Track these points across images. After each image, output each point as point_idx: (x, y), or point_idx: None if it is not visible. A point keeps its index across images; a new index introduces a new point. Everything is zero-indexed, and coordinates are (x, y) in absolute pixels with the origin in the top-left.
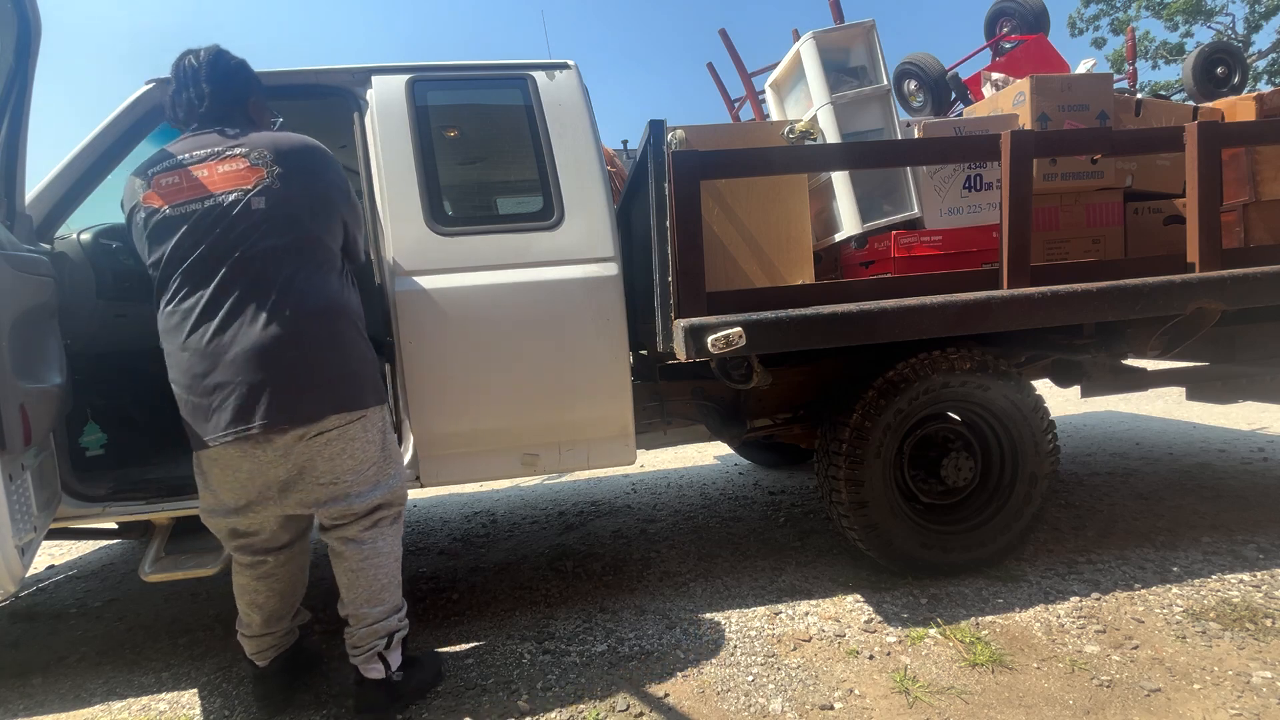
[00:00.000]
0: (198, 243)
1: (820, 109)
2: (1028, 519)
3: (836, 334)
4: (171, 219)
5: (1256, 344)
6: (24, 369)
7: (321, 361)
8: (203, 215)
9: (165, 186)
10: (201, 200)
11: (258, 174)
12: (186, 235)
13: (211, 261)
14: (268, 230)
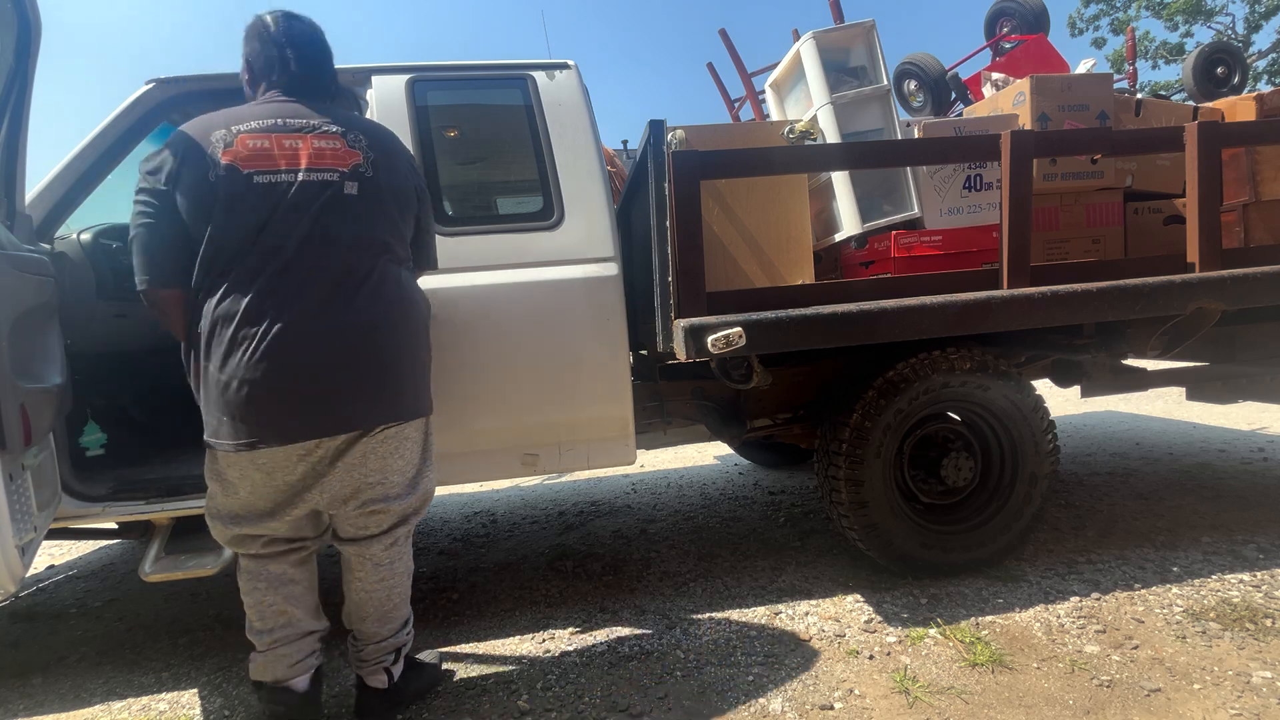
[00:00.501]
0: (280, 220)
1: (820, 109)
2: (1028, 519)
3: (836, 334)
4: (255, 187)
5: (1256, 344)
6: (24, 369)
7: (401, 361)
8: (290, 191)
9: (251, 149)
10: (292, 173)
11: (354, 158)
12: (267, 209)
13: (294, 243)
14: (358, 219)
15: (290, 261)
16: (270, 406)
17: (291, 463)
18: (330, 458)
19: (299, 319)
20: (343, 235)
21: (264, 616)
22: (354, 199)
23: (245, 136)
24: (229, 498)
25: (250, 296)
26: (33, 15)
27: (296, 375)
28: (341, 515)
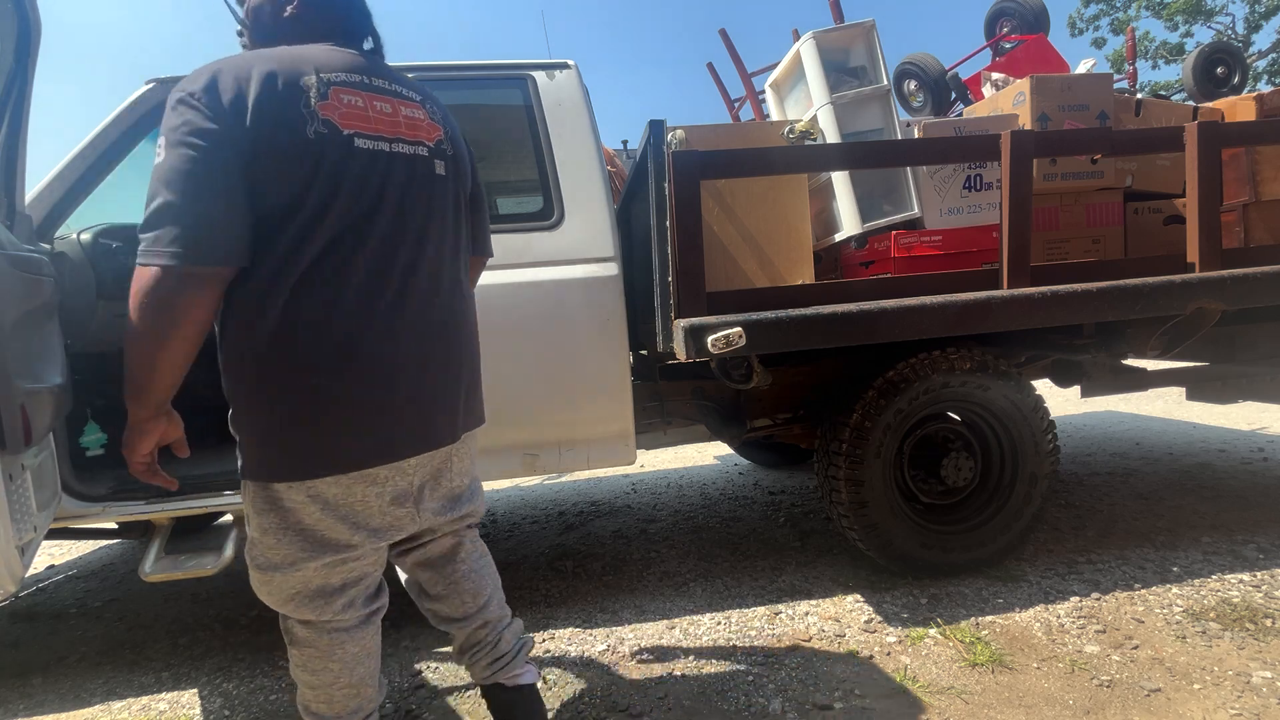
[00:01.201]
0: (377, 196)
1: (820, 109)
2: (1028, 519)
3: (836, 334)
4: (358, 155)
5: (1256, 344)
6: (24, 369)
7: (479, 360)
8: (387, 162)
9: (347, 106)
10: (389, 142)
11: (437, 133)
12: (363, 181)
13: (392, 226)
14: (444, 202)
15: (390, 248)
16: (373, 416)
17: (399, 476)
18: (431, 469)
19: (409, 315)
20: (435, 222)
21: (334, 701)
22: (441, 181)
23: (339, 89)
24: (286, 540)
25: (357, 289)
26: (33, 15)
27: (412, 382)
28: (431, 530)
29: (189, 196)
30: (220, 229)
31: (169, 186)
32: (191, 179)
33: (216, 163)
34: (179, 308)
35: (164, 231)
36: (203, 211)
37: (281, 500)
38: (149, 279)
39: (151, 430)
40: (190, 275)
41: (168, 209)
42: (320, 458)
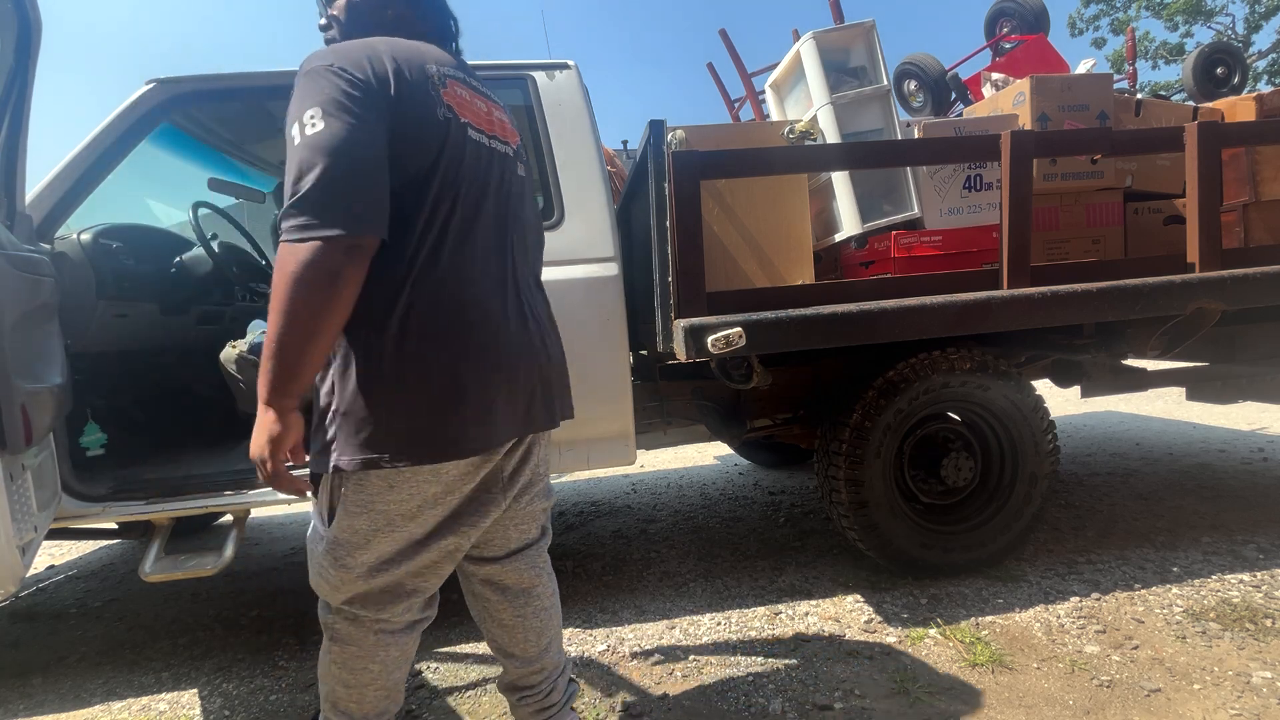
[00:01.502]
0: (485, 183)
1: (820, 109)
2: (1028, 519)
3: (836, 334)
4: (473, 144)
5: (1256, 344)
6: (24, 369)
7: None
8: (488, 155)
9: (459, 97)
10: (489, 139)
11: (517, 138)
12: (476, 167)
13: (499, 214)
14: (526, 202)
15: (500, 235)
16: (495, 404)
17: (488, 463)
18: (522, 453)
19: (520, 298)
20: (521, 222)
21: (365, 701)
22: (521, 180)
23: (452, 81)
24: (378, 535)
25: (480, 269)
26: (33, 15)
27: (528, 364)
28: (508, 521)
29: (354, 165)
30: (380, 198)
31: (332, 154)
32: (356, 146)
33: (375, 131)
34: (345, 281)
35: (329, 201)
36: (366, 180)
37: (396, 488)
38: (312, 253)
39: (295, 424)
40: (355, 247)
41: (332, 178)
42: (452, 438)
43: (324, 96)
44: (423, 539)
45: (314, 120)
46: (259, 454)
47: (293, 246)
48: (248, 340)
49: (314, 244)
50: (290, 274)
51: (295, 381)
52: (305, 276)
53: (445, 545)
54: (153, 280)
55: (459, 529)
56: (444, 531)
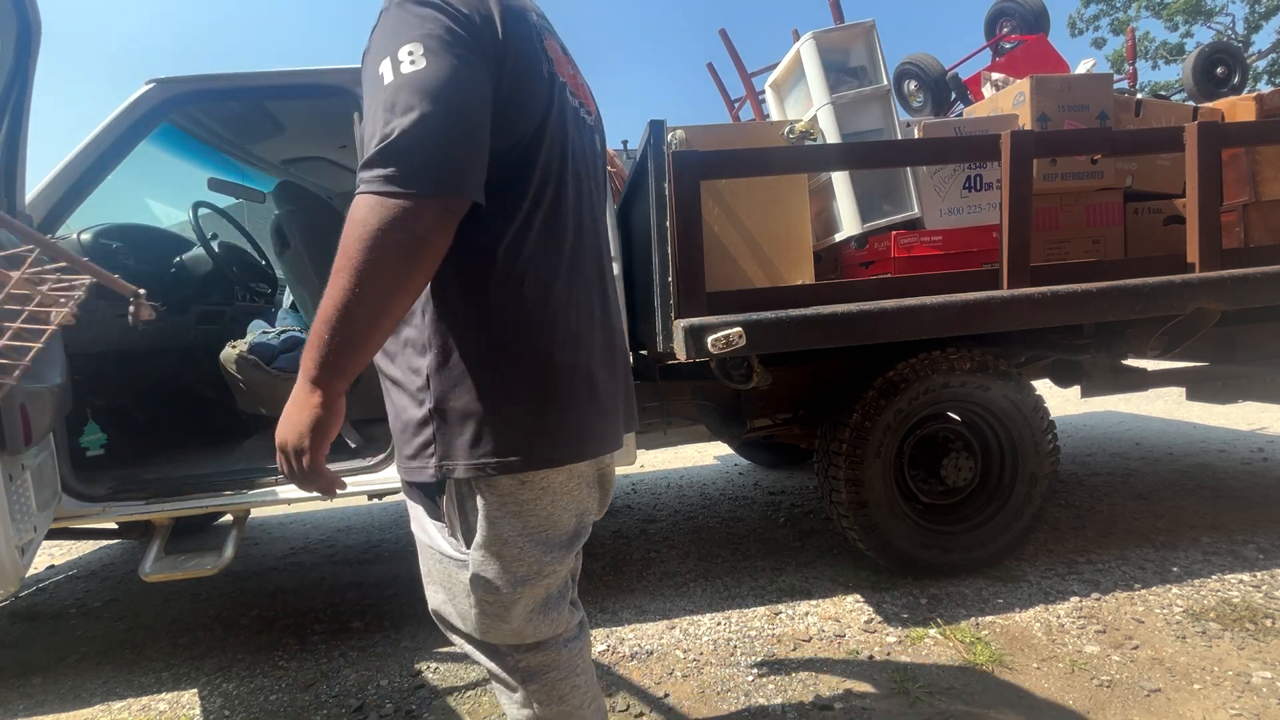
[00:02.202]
0: (579, 164)
1: (820, 109)
2: (1028, 519)
3: (836, 334)
4: (569, 107)
5: (1256, 344)
6: None
7: None
8: (581, 126)
9: (557, 53)
10: (580, 104)
11: (595, 106)
12: (574, 140)
13: (590, 196)
14: (603, 177)
15: (590, 216)
16: (608, 400)
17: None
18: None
19: (605, 293)
20: (602, 198)
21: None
22: (601, 155)
23: (549, 36)
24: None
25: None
26: (33, 15)
27: (621, 363)
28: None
29: (460, 114)
30: (483, 156)
31: (435, 99)
32: (462, 93)
33: (482, 79)
34: (433, 250)
35: (428, 153)
36: (470, 133)
37: (532, 487)
38: (399, 212)
39: (341, 411)
40: (449, 210)
41: (433, 125)
42: (589, 434)
43: (424, 31)
44: (563, 540)
45: (413, 57)
46: (297, 443)
47: (375, 202)
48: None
49: (402, 202)
50: (370, 235)
51: (356, 360)
52: (389, 240)
53: (580, 542)
54: (153, 280)
55: (587, 525)
56: (580, 530)
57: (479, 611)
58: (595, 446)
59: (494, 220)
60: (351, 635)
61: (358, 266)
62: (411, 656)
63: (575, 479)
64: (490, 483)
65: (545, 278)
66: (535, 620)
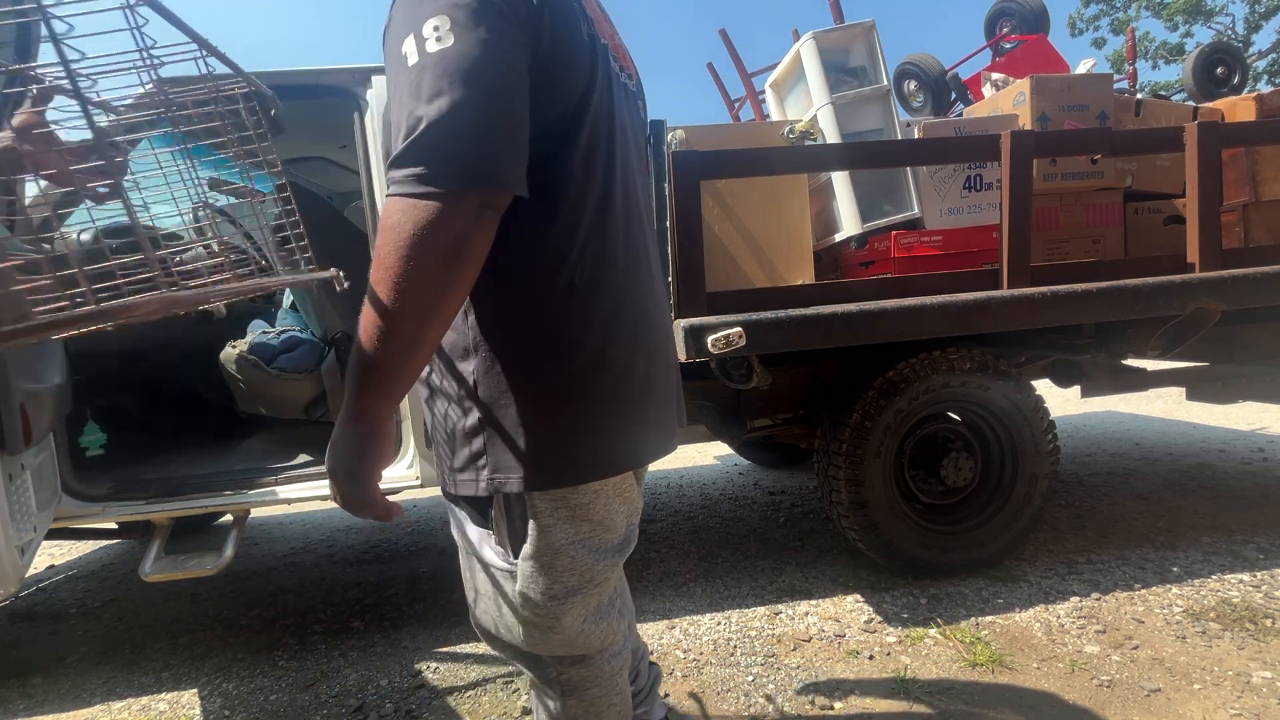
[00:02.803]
0: (624, 137)
1: (820, 109)
2: (1028, 519)
3: (836, 334)
4: (616, 79)
5: (1256, 344)
6: (24, 369)
7: None
8: (622, 94)
9: (596, 12)
10: (621, 68)
11: (636, 70)
12: (619, 109)
13: (637, 174)
14: (643, 151)
15: (638, 197)
16: (662, 397)
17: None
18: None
19: (655, 279)
20: (646, 175)
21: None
22: (642, 126)
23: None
24: (578, 548)
25: (624, 237)
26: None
27: (673, 355)
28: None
29: (489, 93)
30: (523, 142)
31: (466, 81)
32: (493, 68)
33: (517, 50)
34: (474, 252)
35: (461, 145)
36: (507, 117)
37: (587, 496)
38: (435, 214)
39: (390, 434)
40: (488, 206)
41: (465, 113)
42: (640, 441)
43: (449, 1)
44: (616, 546)
45: (439, 32)
46: (348, 473)
47: (407, 205)
48: (248, 340)
49: (436, 203)
50: (405, 242)
51: (402, 380)
52: (427, 246)
53: (631, 546)
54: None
55: (635, 526)
56: (630, 533)
57: (527, 623)
58: (651, 449)
59: (538, 208)
60: (351, 635)
61: (395, 278)
62: (411, 656)
63: (628, 481)
64: (544, 491)
65: (597, 268)
66: (588, 629)
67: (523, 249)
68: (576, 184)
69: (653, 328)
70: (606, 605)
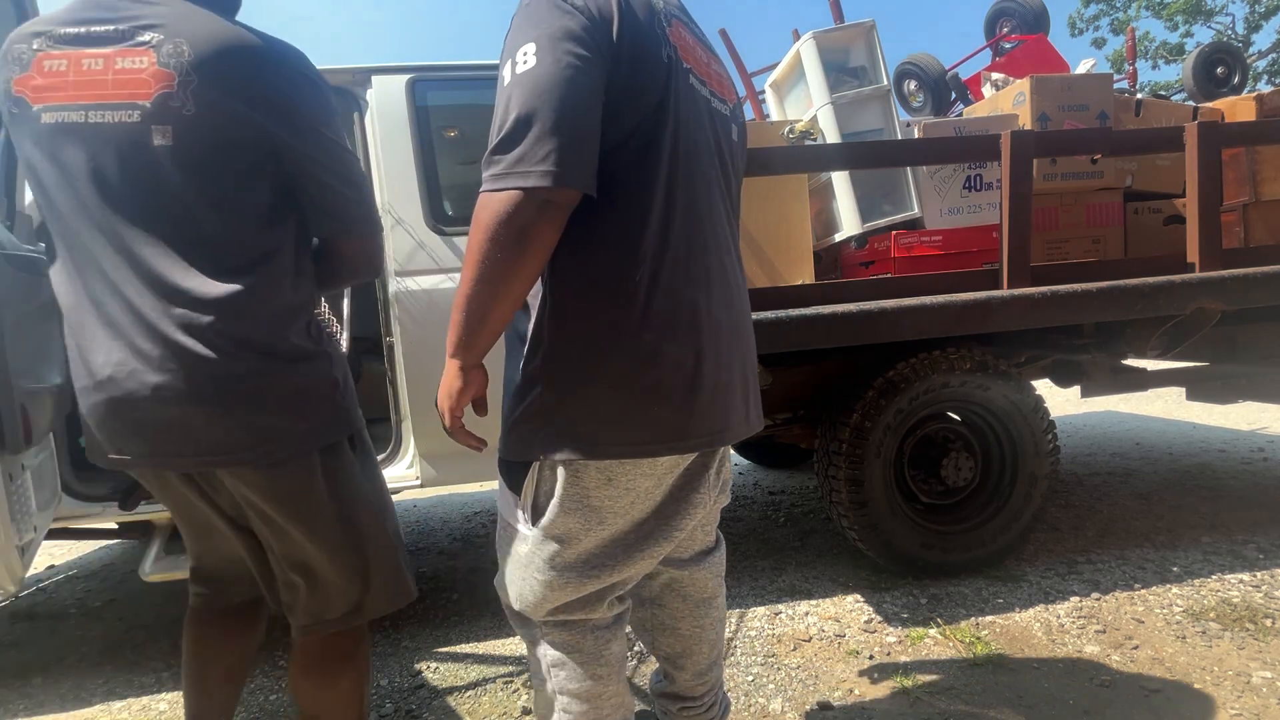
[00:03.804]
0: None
1: (820, 109)
2: (1028, 519)
3: (836, 334)
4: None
5: (1256, 344)
6: (24, 369)
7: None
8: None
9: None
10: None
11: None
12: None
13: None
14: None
15: (710, 207)
16: (716, 395)
17: (679, 463)
18: (720, 454)
19: (730, 284)
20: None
21: (603, 714)
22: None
23: (676, 20)
24: (591, 535)
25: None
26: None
27: (742, 357)
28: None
29: (562, 107)
30: (589, 149)
31: (539, 95)
32: (567, 86)
33: (591, 71)
34: (535, 239)
35: (529, 147)
36: (574, 125)
37: (614, 481)
38: (503, 204)
39: (475, 380)
40: (550, 202)
41: (535, 121)
42: (680, 430)
43: (539, 31)
44: (637, 540)
45: (526, 56)
46: (440, 405)
47: (486, 198)
48: None
49: (506, 194)
50: (480, 228)
51: (478, 338)
52: (494, 230)
53: (655, 547)
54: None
55: (670, 528)
56: (655, 531)
57: (524, 584)
58: (691, 442)
59: (610, 210)
60: None
61: (473, 257)
62: (411, 656)
63: (662, 475)
64: (572, 467)
65: (657, 268)
66: (571, 596)
67: (590, 247)
68: (646, 192)
69: (719, 329)
70: (600, 596)
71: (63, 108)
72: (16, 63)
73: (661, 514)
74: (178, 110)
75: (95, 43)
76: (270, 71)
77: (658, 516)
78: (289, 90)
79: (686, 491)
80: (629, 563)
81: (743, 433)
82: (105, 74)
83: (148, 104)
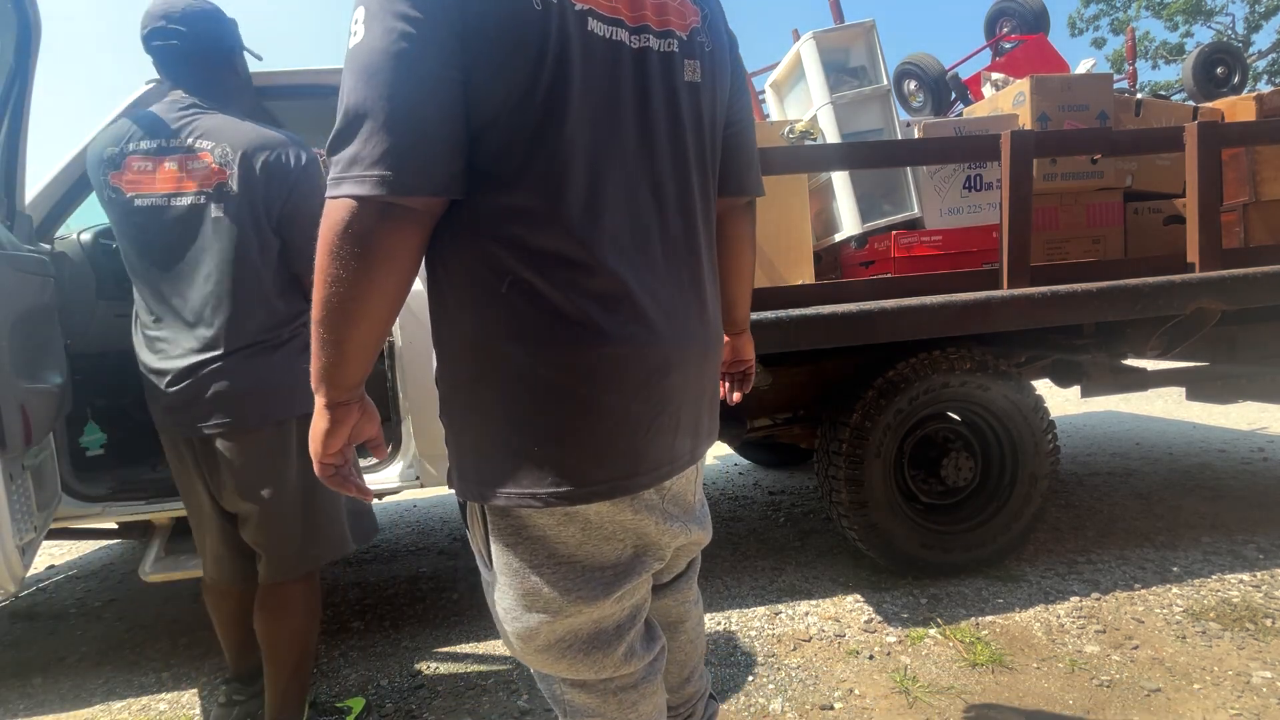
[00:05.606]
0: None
1: (820, 109)
2: (1028, 519)
3: (836, 334)
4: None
5: (1256, 344)
6: (24, 369)
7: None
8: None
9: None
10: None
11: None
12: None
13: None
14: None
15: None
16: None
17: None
18: (689, 476)
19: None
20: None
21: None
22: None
23: None
24: (544, 574)
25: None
26: (33, 15)
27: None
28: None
29: (403, 94)
30: (440, 142)
31: (376, 80)
32: (407, 66)
33: (438, 41)
34: (382, 253)
35: (363, 147)
36: (419, 117)
37: (550, 518)
38: (338, 215)
39: (344, 419)
40: (394, 209)
41: (369, 114)
42: (621, 470)
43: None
44: (601, 578)
45: (356, 27)
46: (311, 450)
47: (327, 205)
48: None
49: (340, 204)
50: (322, 240)
51: (338, 370)
52: (333, 244)
53: (629, 580)
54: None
55: (647, 560)
56: (628, 566)
57: (505, 634)
58: (638, 480)
59: (493, 208)
60: (351, 635)
61: (318, 276)
62: (411, 656)
63: (618, 510)
64: (495, 510)
65: (571, 274)
66: (569, 658)
67: (478, 251)
68: (540, 182)
69: (662, 353)
70: (609, 636)
71: (149, 195)
72: (110, 164)
73: (637, 550)
74: (228, 192)
75: (168, 153)
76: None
77: (634, 552)
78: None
79: (659, 519)
80: (608, 603)
81: (701, 451)
82: (181, 173)
83: (210, 189)
